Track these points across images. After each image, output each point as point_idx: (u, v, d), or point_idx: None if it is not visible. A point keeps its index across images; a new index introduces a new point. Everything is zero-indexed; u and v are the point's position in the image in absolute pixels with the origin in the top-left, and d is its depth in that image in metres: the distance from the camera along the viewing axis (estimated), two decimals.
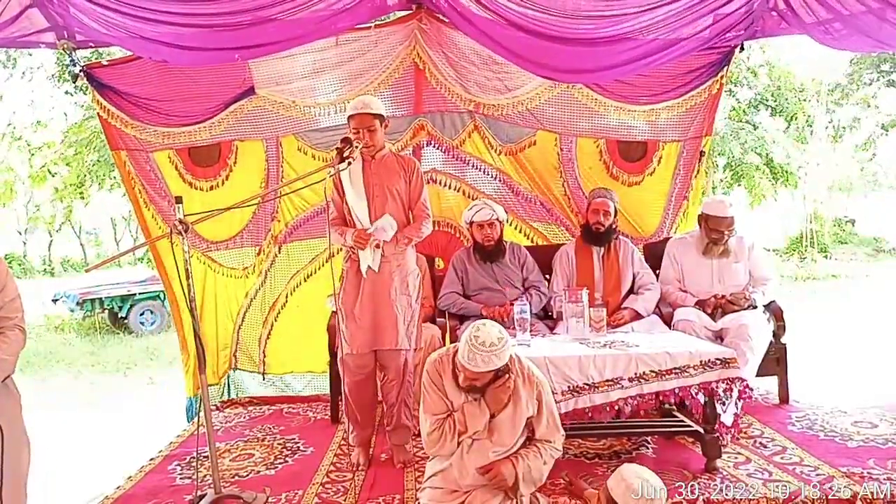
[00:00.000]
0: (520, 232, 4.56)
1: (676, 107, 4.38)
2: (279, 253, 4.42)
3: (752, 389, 3.03)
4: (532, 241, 4.54)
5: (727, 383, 2.92)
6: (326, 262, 4.29)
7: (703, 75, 4.28)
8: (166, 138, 4.13)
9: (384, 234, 3.12)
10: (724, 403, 2.99)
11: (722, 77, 4.30)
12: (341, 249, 3.36)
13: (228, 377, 4.49)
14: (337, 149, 3.02)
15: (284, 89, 4.19)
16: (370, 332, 3.16)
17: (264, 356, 4.49)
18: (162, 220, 4.21)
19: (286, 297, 4.45)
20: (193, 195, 4.19)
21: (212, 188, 4.30)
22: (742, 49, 4.30)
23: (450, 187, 4.51)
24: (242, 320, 4.46)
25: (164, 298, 7.49)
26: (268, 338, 4.48)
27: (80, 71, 3.87)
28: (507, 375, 2.37)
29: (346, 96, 4.11)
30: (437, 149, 4.47)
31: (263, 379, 4.50)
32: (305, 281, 4.44)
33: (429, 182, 4.44)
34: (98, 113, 4.05)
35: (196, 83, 4.08)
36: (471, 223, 3.96)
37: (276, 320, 4.47)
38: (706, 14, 3.69)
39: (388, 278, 3.15)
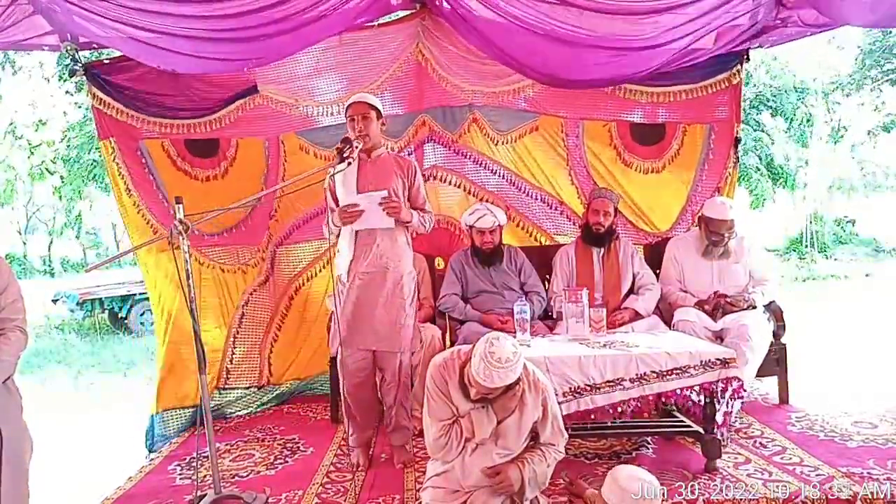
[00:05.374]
0: (522, 229, 4.49)
1: (696, 90, 4.21)
2: (276, 255, 4.36)
3: (746, 390, 3.03)
4: (535, 239, 4.48)
5: (725, 383, 2.93)
6: (326, 266, 4.26)
7: (716, 71, 4.21)
8: (163, 128, 4.06)
9: (369, 202, 3.07)
10: (719, 402, 3.00)
11: (738, 70, 4.21)
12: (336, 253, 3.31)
13: (213, 396, 4.12)
14: (337, 149, 3.01)
15: (286, 88, 4.19)
16: (366, 334, 3.15)
17: (270, 365, 4.33)
18: (147, 210, 4.02)
19: (288, 301, 4.38)
20: (188, 184, 4.10)
21: (208, 179, 4.20)
22: (748, 59, 4.23)
23: (451, 183, 4.44)
24: (239, 327, 4.27)
25: None
26: (273, 344, 4.35)
27: (80, 68, 3.81)
28: (516, 384, 2.35)
29: (348, 96, 4.10)
30: (439, 144, 4.42)
31: (258, 389, 4.28)
32: (304, 286, 4.39)
33: (430, 179, 4.42)
34: (93, 104, 3.96)
35: (198, 82, 4.06)
36: (471, 227, 3.94)
37: (279, 328, 4.37)
38: (714, 30, 3.67)
39: (381, 280, 3.14)
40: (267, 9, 3.27)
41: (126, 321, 9.57)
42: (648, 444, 3.32)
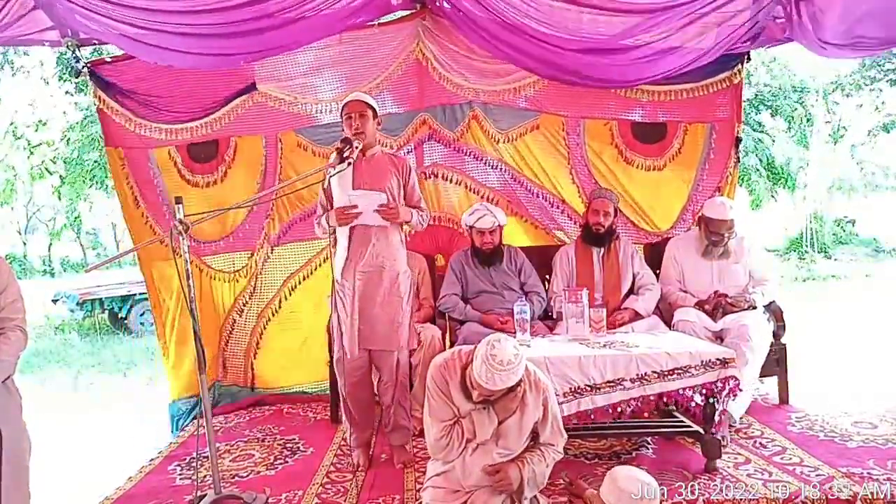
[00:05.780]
0: (522, 228, 4.47)
1: (697, 89, 4.22)
2: (271, 254, 4.35)
3: (741, 389, 3.03)
4: (536, 235, 4.46)
5: (723, 382, 2.93)
6: (325, 262, 4.26)
7: (717, 71, 4.19)
8: (168, 134, 4.10)
9: (366, 203, 3.08)
10: (718, 402, 3.00)
11: (739, 70, 4.20)
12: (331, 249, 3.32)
13: (214, 390, 4.26)
14: (337, 149, 3.00)
15: (286, 85, 4.19)
16: (362, 333, 3.15)
17: (253, 369, 4.38)
18: (154, 220, 4.12)
19: (279, 301, 4.39)
20: (190, 192, 4.12)
21: (208, 185, 4.24)
22: (749, 59, 4.23)
23: (451, 181, 4.43)
24: (232, 327, 4.36)
25: None
26: (257, 347, 4.38)
27: (84, 67, 3.83)
28: (518, 385, 2.34)
29: (347, 94, 4.11)
30: (439, 143, 4.40)
31: (252, 391, 4.37)
32: (301, 284, 4.39)
33: (431, 177, 4.42)
34: (98, 108, 3.99)
35: (198, 79, 4.07)
36: (471, 227, 3.93)
37: (265, 328, 4.38)
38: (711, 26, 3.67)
39: (378, 279, 3.15)
40: (255, 3, 3.28)
41: (126, 321, 9.57)
42: (648, 444, 3.32)
